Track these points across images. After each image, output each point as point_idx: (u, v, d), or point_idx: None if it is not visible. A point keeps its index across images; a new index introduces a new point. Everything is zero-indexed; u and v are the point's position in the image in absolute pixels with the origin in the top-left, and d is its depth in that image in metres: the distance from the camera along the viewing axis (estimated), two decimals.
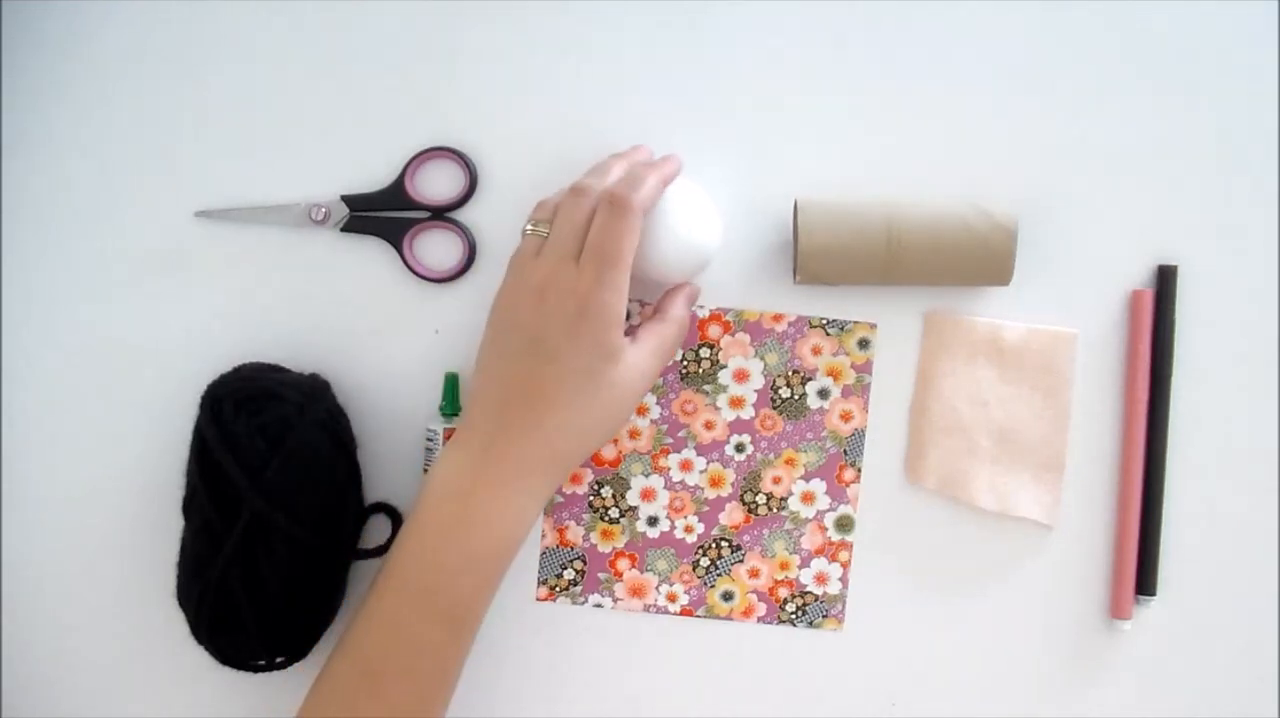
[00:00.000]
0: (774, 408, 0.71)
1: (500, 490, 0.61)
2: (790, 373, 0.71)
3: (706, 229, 0.66)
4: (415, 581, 0.61)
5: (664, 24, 0.70)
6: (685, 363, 0.71)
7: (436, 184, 0.70)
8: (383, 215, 0.70)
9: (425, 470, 0.70)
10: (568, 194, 0.63)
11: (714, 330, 0.71)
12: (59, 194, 0.71)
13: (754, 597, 0.71)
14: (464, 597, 0.61)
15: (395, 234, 0.70)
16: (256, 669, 0.68)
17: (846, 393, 0.71)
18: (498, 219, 0.70)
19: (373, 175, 0.70)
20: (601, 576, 0.72)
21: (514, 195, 0.70)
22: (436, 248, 0.71)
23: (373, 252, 0.71)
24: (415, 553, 0.61)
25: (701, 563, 0.71)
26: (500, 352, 0.62)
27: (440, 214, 0.70)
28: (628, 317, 0.70)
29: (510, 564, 0.62)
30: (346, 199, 0.70)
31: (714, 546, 0.71)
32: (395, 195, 0.70)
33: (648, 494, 0.71)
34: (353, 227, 0.70)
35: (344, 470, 0.68)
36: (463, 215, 0.70)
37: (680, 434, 0.71)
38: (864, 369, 0.71)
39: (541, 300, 0.61)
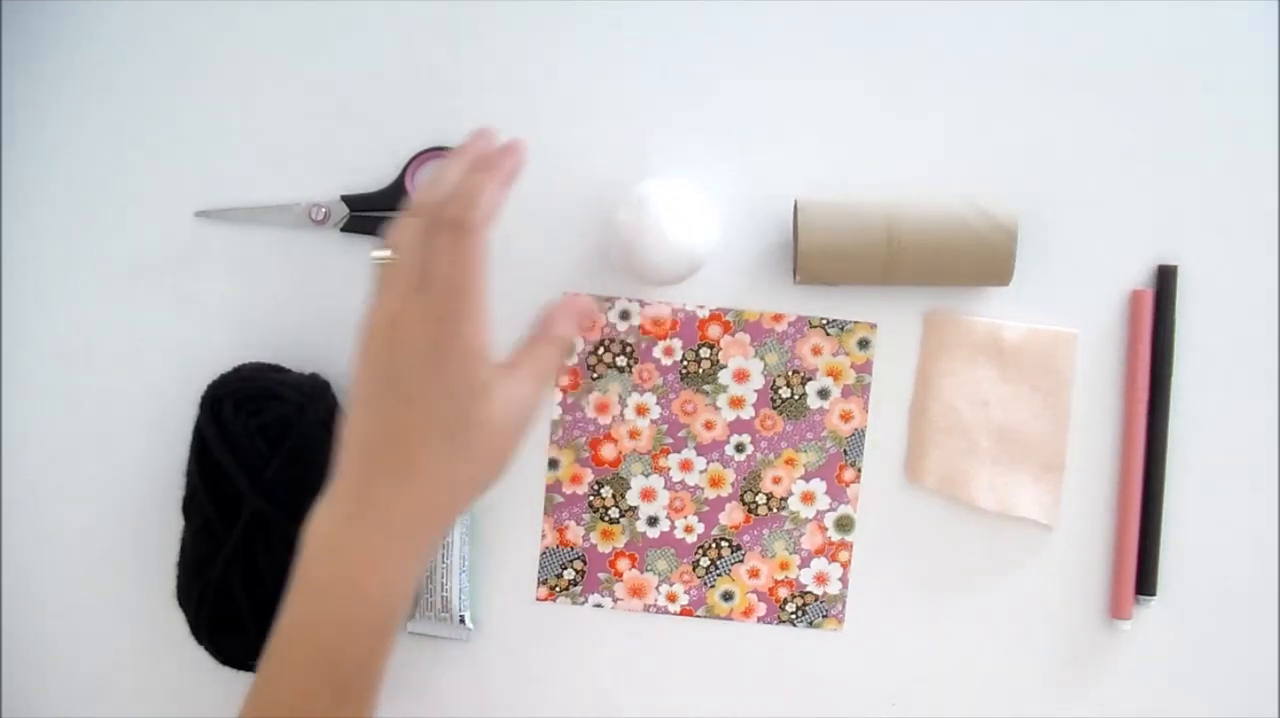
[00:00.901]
0: (774, 408, 0.71)
1: (376, 552, 0.54)
2: (790, 373, 0.71)
3: (699, 231, 0.65)
4: (299, 650, 0.55)
5: (664, 23, 0.70)
6: (685, 363, 0.71)
7: None
8: (383, 215, 0.70)
9: None
10: (405, 215, 0.57)
11: (714, 330, 0.71)
12: (59, 194, 0.71)
13: (754, 597, 0.71)
14: (351, 666, 0.55)
15: None
16: (256, 669, 0.68)
17: (846, 393, 0.71)
18: (520, 214, 0.70)
19: (373, 175, 0.70)
20: (601, 576, 0.72)
21: (535, 188, 0.70)
22: None
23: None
24: (296, 620, 0.55)
25: (701, 563, 0.71)
26: (363, 395, 0.56)
27: None
28: (625, 316, 0.70)
29: (398, 628, 0.56)
30: (346, 199, 0.70)
31: (714, 545, 0.71)
32: (395, 195, 0.70)
33: (648, 494, 0.71)
34: (353, 227, 0.70)
35: None
36: None
37: (680, 434, 0.71)
38: (864, 369, 0.71)
39: (393, 337, 0.54)
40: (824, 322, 0.71)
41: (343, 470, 0.55)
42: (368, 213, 0.70)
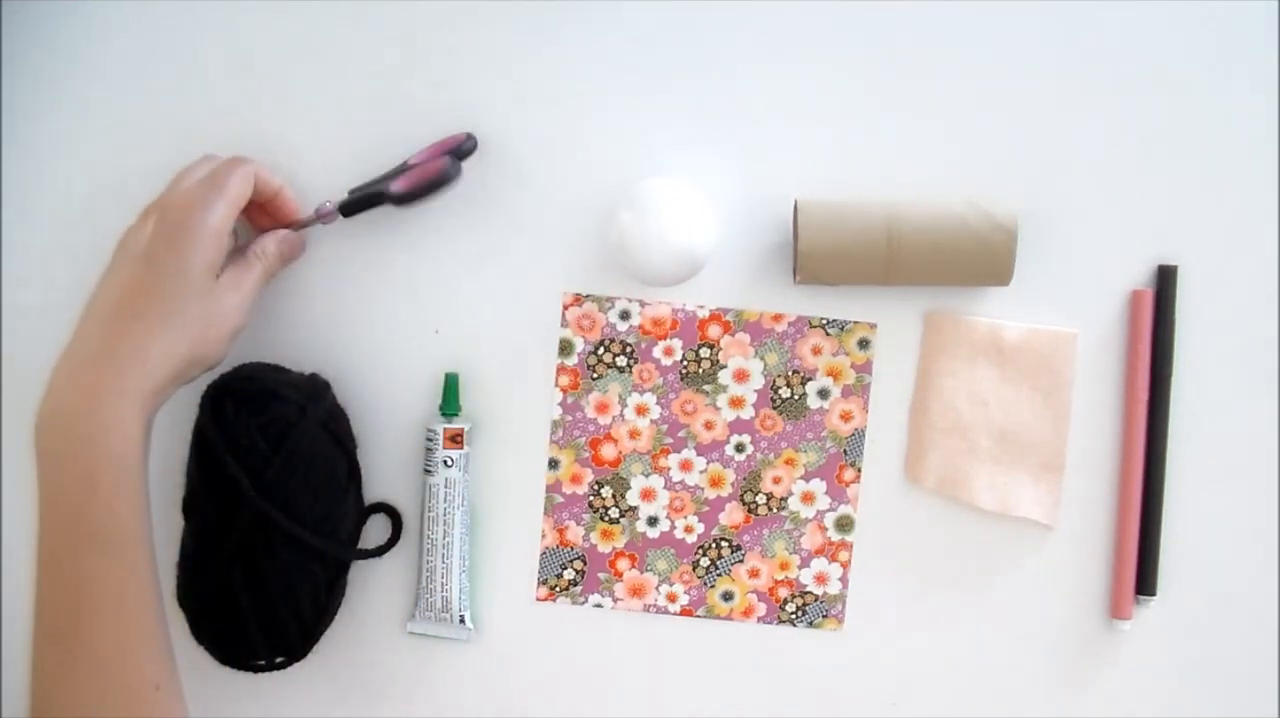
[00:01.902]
0: (774, 408, 0.71)
1: (95, 401, 0.60)
2: (790, 373, 0.71)
3: (699, 231, 0.65)
4: (50, 504, 0.60)
5: (666, 23, 0.70)
6: (685, 363, 0.71)
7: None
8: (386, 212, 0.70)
9: (426, 471, 0.70)
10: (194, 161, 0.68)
11: (714, 330, 0.71)
12: (62, 195, 0.71)
13: (754, 597, 0.71)
14: (98, 512, 0.60)
15: (399, 231, 0.70)
16: (256, 669, 0.68)
17: (846, 393, 0.71)
18: (520, 214, 0.70)
19: (376, 173, 0.70)
20: (601, 576, 0.72)
21: (535, 188, 0.70)
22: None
23: (376, 249, 0.71)
24: (43, 471, 0.61)
25: (701, 563, 0.71)
26: (110, 274, 0.64)
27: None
28: (625, 316, 0.70)
29: (134, 476, 0.61)
30: (353, 193, 0.70)
31: (714, 545, 0.71)
32: (399, 193, 0.70)
33: (648, 494, 0.71)
34: (356, 223, 0.70)
35: (344, 470, 0.68)
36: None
37: (680, 434, 0.71)
38: (864, 369, 0.71)
39: (146, 221, 0.64)
40: (824, 322, 0.71)
41: (85, 321, 0.63)
42: (371, 210, 0.70)
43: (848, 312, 0.71)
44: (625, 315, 0.71)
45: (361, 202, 0.68)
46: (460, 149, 0.69)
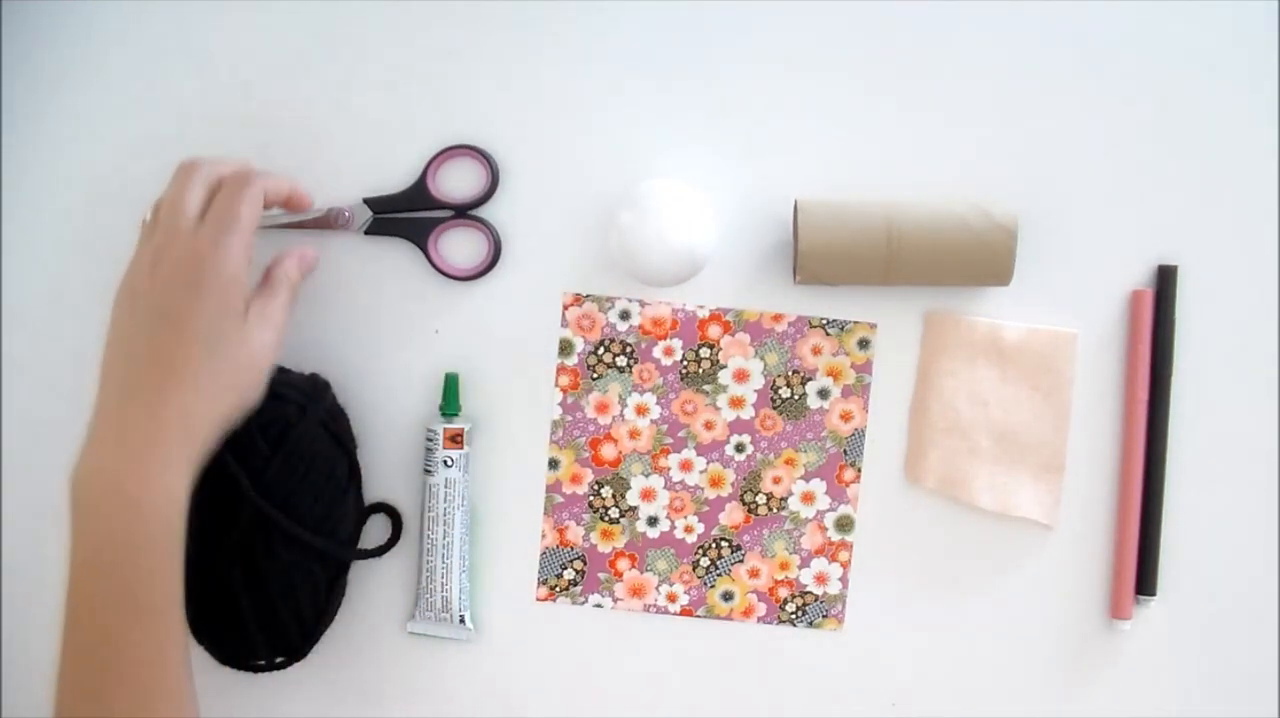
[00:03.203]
0: (774, 408, 0.71)
1: (144, 465, 0.58)
2: (790, 373, 0.71)
3: (699, 231, 0.65)
4: (89, 577, 0.58)
5: (666, 24, 0.70)
6: (685, 363, 0.71)
7: (458, 182, 0.70)
8: (406, 216, 0.70)
9: (426, 471, 0.70)
10: (176, 173, 0.63)
11: (714, 330, 0.71)
12: (78, 206, 0.71)
13: (754, 597, 0.71)
14: (141, 581, 0.58)
15: (420, 235, 0.70)
16: (256, 669, 0.68)
17: (846, 393, 0.71)
18: (521, 214, 0.70)
19: (394, 177, 0.70)
20: (601, 576, 0.72)
21: (536, 189, 0.70)
22: (461, 246, 0.71)
23: (397, 253, 0.71)
24: (81, 548, 0.58)
25: (701, 563, 0.71)
26: (123, 330, 0.61)
27: (463, 212, 0.70)
28: (625, 316, 0.70)
29: (179, 540, 0.59)
30: (369, 202, 0.70)
31: (714, 545, 0.71)
32: (417, 196, 0.70)
33: (648, 494, 0.71)
34: (376, 229, 0.70)
35: (344, 470, 0.68)
36: (486, 212, 0.70)
37: (680, 434, 0.71)
38: (864, 369, 0.71)
39: (157, 268, 0.60)
40: (824, 322, 0.71)
41: (101, 403, 0.60)
42: (390, 215, 0.70)
43: (848, 312, 0.71)
44: (625, 315, 0.71)
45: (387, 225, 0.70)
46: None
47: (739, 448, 0.71)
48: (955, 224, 0.66)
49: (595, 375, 0.71)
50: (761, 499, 0.71)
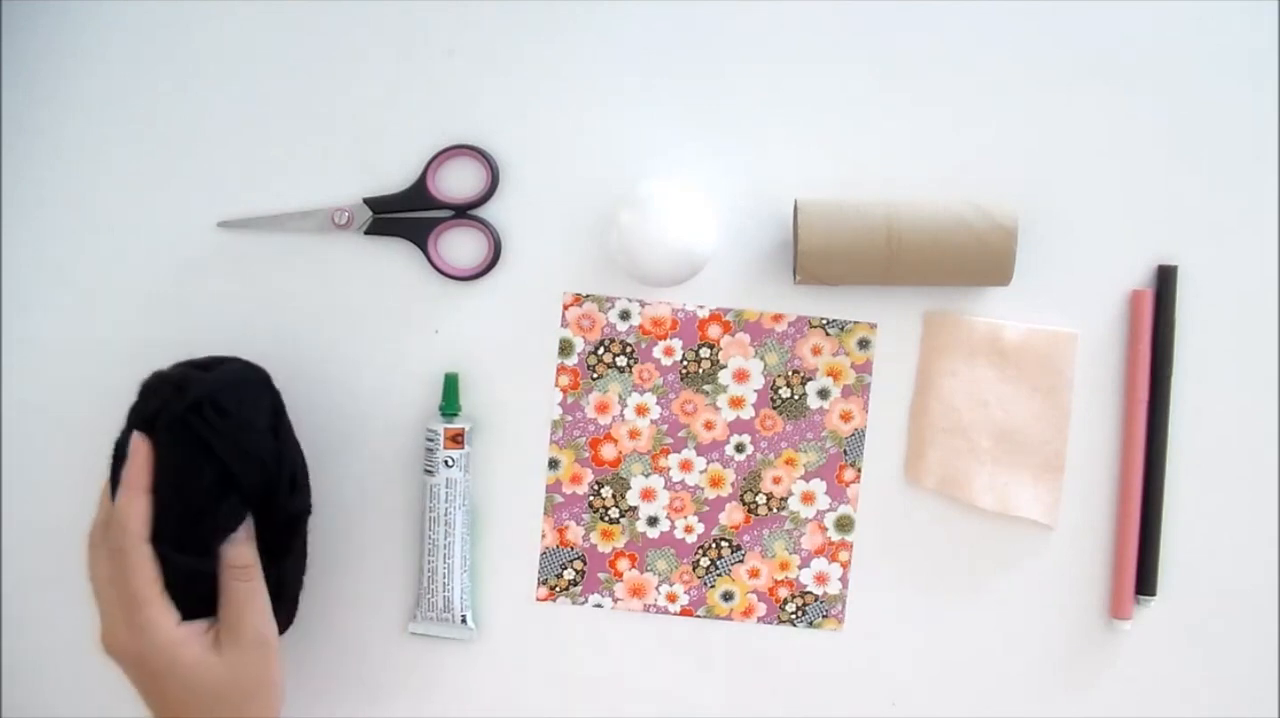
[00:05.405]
0: (774, 408, 0.71)
1: None
2: (790, 373, 0.71)
3: (700, 231, 0.65)
4: None
5: (665, 24, 0.70)
6: (685, 363, 0.71)
7: (458, 182, 0.70)
8: (406, 216, 0.70)
9: (426, 471, 0.70)
10: (88, 546, 0.62)
11: (714, 330, 0.71)
12: (82, 210, 0.71)
13: (754, 597, 0.71)
14: None
15: (420, 235, 0.70)
16: None
17: (846, 393, 0.71)
18: (521, 214, 0.70)
19: (393, 177, 0.70)
20: (601, 576, 0.72)
21: (536, 189, 0.70)
22: (461, 246, 0.71)
23: (397, 253, 0.71)
24: None
25: (701, 563, 0.71)
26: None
27: (463, 212, 0.70)
28: (625, 316, 0.70)
29: None
30: (369, 202, 0.70)
31: (714, 545, 0.71)
32: (417, 196, 0.70)
33: (648, 494, 0.71)
34: (376, 229, 0.70)
35: (211, 475, 0.61)
36: (485, 212, 0.70)
37: (680, 434, 0.71)
38: (864, 369, 0.71)
39: (117, 664, 0.61)
40: (824, 322, 0.71)
41: None
42: (390, 215, 0.70)
43: (848, 312, 0.71)
44: (625, 315, 0.71)
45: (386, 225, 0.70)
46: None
47: (739, 448, 0.71)
48: (955, 224, 0.66)
49: (595, 375, 0.71)
50: (761, 499, 0.71)
